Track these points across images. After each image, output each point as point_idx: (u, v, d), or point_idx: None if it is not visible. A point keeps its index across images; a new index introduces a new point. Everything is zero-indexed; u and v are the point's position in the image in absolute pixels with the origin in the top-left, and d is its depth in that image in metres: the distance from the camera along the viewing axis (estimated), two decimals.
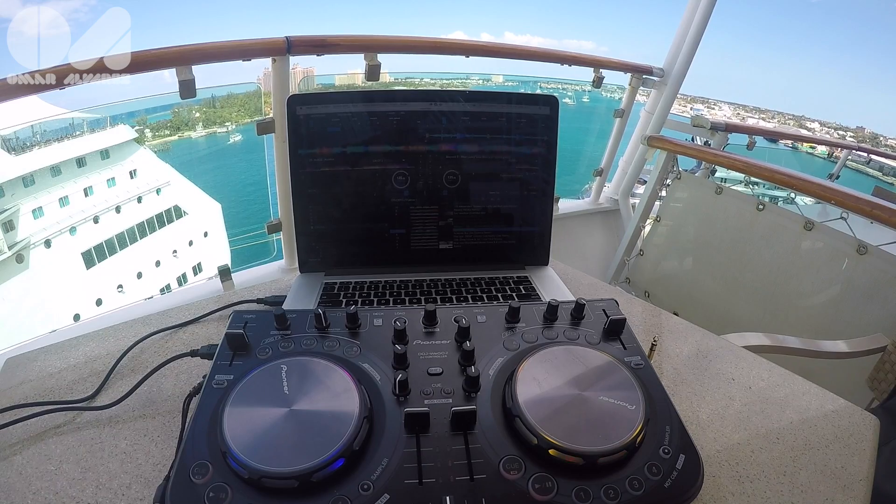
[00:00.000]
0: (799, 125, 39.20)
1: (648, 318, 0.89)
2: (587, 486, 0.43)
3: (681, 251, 1.96)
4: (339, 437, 0.44)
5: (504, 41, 55.16)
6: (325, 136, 0.85)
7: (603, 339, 0.60)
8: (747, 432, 0.62)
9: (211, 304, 0.84)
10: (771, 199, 2.01)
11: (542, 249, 0.95)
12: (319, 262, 0.91)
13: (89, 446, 0.56)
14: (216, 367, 0.54)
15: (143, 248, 9.59)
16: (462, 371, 0.54)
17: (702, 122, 2.03)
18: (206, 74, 1.15)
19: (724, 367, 0.75)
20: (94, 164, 9.13)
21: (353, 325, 0.60)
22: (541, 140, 0.90)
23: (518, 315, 0.62)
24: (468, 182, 0.90)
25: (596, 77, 1.93)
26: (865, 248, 1.40)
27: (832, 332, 1.43)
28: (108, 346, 0.74)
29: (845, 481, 0.56)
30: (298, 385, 0.49)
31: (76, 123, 8.95)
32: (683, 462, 0.46)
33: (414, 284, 0.87)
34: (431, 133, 0.87)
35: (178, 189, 10.28)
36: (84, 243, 8.73)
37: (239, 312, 0.61)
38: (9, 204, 7.93)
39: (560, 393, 0.50)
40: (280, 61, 1.21)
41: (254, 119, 1.30)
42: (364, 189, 0.88)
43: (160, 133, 14.22)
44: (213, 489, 0.41)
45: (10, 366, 0.70)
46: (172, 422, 0.60)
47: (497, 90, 0.98)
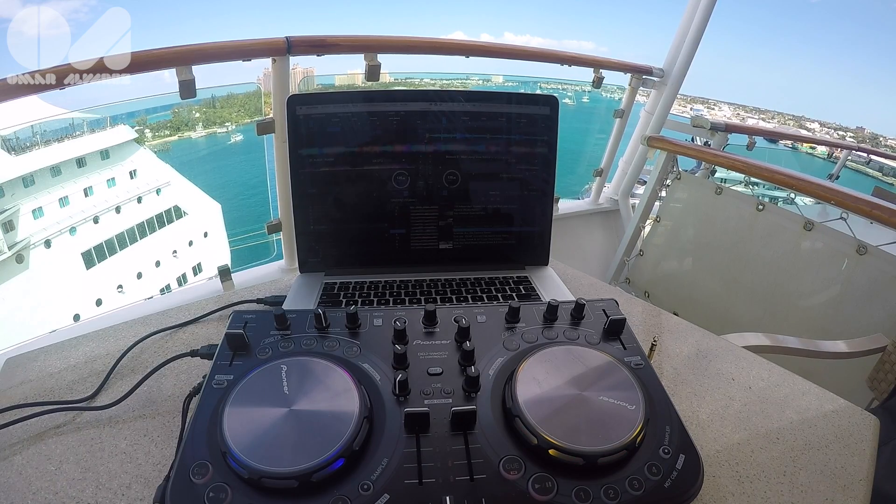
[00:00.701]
0: (799, 125, 39.20)
1: (648, 318, 0.89)
2: (587, 486, 0.43)
3: (681, 251, 1.96)
4: (339, 437, 0.44)
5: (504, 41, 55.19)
6: (325, 136, 0.85)
7: (603, 339, 0.60)
8: (747, 432, 0.62)
9: (211, 304, 0.84)
10: (771, 199, 2.01)
11: (542, 249, 0.95)
12: (319, 263, 0.91)
13: (89, 446, 0.56)
14: (216, 367, 0.54)
15: (143, 249, 9.58)
16: (462, 371, 0.54)
17: (702, 122, 2.03)
18: (205, 74, 1.15)
19: (723, 368, 0.75)
20: (94, 164, 9.12)
21: (353, 325, 0.60)
22: (541, 140, 0.90)
23: (518, 315, 0.62)
24: (468, 182, 0.90)
25: (596, 77, 1.93)
26: (865, 248, 1.40)
27: (832, 333, 1.43)
28: (108, 346, 0.74)
29: (845, 481, 0.56)
30: (298, 385, 0.49)
31: (76, 123, 8.94)
32: (683, 462, 0.46)
33: (414, 284, 0.87)
34: (431, 133, 0.87)
35: (178, 189, 10.27)
36: (84, 243, 8.72)
37: (239, 312, 0.61)
38: (9, 204, 7.92)
39: (560, 393, 0.50)
40: (280, 61, 1.21)
41: (254, 119, 1.30)
42: (364, 189, 0.88)
43: (160, 133, 14.21)
44: (212, 489, 0.41)
45: (10, 366, 0.70)
46: (172, 422, 0.60)
47: (497, 90, 0.98)
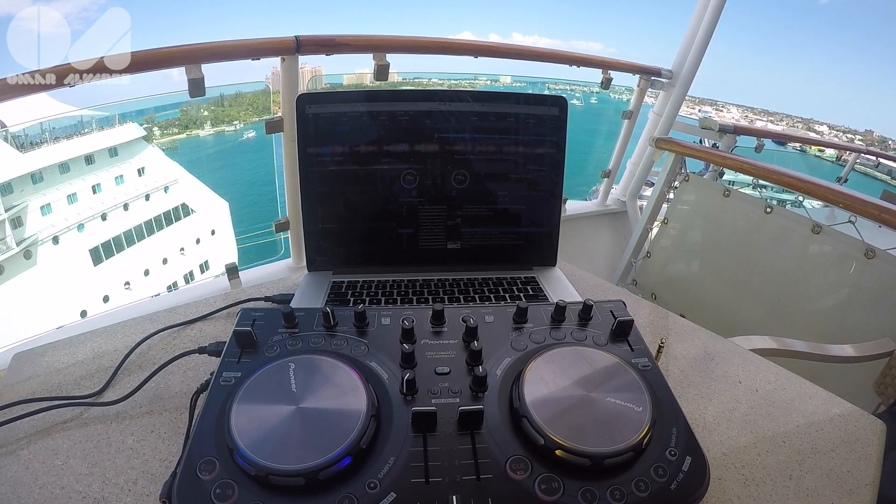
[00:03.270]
0: (807, 128, 38.96)
1: (655, 319, 0.89)
2: (593, 487, 0.43)
3: (688, 253, 1.96)
4: (346, 436, 0.44)
5: (512, 42, 55.14)
6: (333, 135, 0.85)
7: (610, 340, 0.60)
8: (753, 435, 0.62)
9: (219, 301, 0.85)
10: (779, 202, 2.00)
11: (550, 250, 0.95)
12: (327, 261, 0.91)
13: (96, 442, 0.56)
14: (224, 364, 0.54)
15: (151, 246, 9.62)
16: (469, 371, 0.54)
17: (710, 124, 2.02)
18: (214, 73, 1.15)
19: (730, 370, 0.74)
20: (103, 161, 9.17)
21: (360, 323, 0.60)
22: (549, 141, 0.90)
23: (526, 315, 0.62)
24: (476, 182, 0.90)
25: (604, 78, 1.92)
26: (873, 252, 1.39)
27: (839, 336, 1.42)
28: (115, 343, 0.74)
29: (851, 486, 0.56)
30: (306, 383, 0.49)
31: (85, 121, 8.99)
32: (689, 464, 0.46)
33: (422, 284, 0.88)
34: (440, 133, 0.87)
35: (185, 187, 10.32)
36: (92, 240, 8.77)
37: (247, 310, 0.61)
38: (17, 200, 7.97)
39: (567, 394, 0.50)
40: (289, 60, 1.22)
41: (262, 118, 1.30)
42: (372, 188, 0.88)
43: (168, 131, 14.26)
44: (219, 486, 0.41)
45: (18, 361, 0.70)
46: (179, 418, 0.60)
47: (506, 90, 0.98)
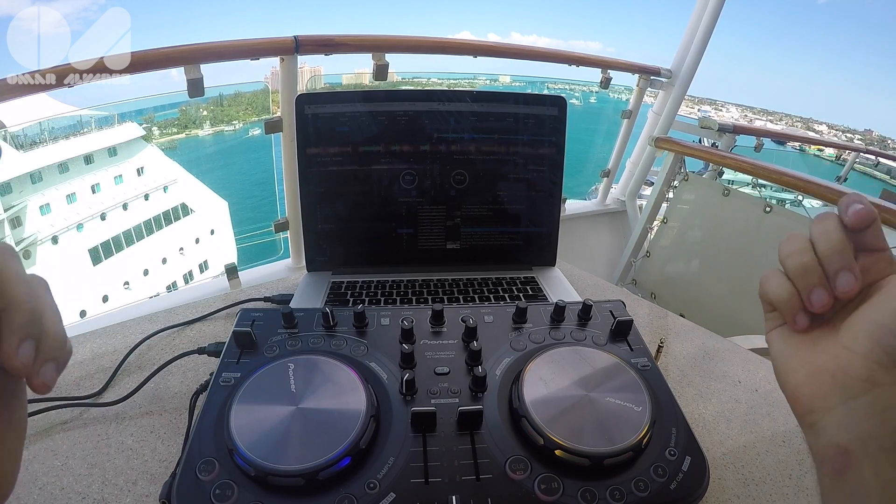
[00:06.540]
0: (807, 127, 38.99)
1: (655, 319, 0.89)
2: (593, 486, 0.43)
3: (687, 253, 1.95)
4: (345, 436, 0.44)
5: (511, 41, 54.99)
6: (333, 135, 0.85)
7: (610, 340, 0.60)
8: (753, 435, 0.62)
9: (218, 301, 0.84)
10: (778, 201, 1.99)
11: (550, 250, 0.95)
12: (327, 261, 0.91)
13: (96, 442, 0.56)
14: (223, 364, 0.54)
15: (150, 246, 9.64)
16: (469, 371, 0.54)
17: (709, 123, 2.02)
18: (213, 73, 1.15)
19: (730, 370, 0.74)
20: (102, 161, 9.18)
21: (360, 324, 0.60)
22: (549, 141, 0.90)
23: (525, 315, 0.62)
24: (476, 182, 0.90)
25: (603, 78, 1.92)
26: None
27: None
28: (115, 343, 0.74)
29: None
30: (305, 383, 0.49)
31: (84, 121, 9.00)
32: (689, 464, 0.46)
33: (421, 284, 0.88)
34: (439, 133, 0.87)
35: (185, 187, 10.32)
36: (91, 240, 8.78)
37: (246, 310, 0.61)
38: (16, 200, 7.98)
39: (566, 394, 0.50)
40: (288, 60, 1.21)
41: (261, 117, 1.30)
42: (372, 188, 0.88)
43: (167, 131, 14.26)
44: (219, 486, 0.41)
45: None
46: (179, 419, 0.60)
47: (505, 90, 0.98)
